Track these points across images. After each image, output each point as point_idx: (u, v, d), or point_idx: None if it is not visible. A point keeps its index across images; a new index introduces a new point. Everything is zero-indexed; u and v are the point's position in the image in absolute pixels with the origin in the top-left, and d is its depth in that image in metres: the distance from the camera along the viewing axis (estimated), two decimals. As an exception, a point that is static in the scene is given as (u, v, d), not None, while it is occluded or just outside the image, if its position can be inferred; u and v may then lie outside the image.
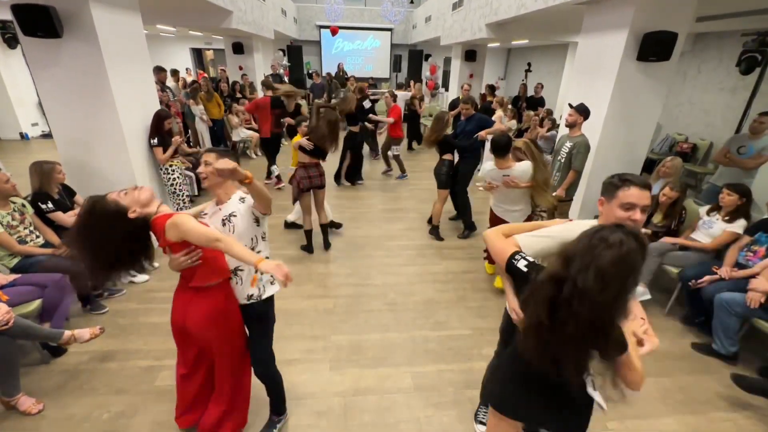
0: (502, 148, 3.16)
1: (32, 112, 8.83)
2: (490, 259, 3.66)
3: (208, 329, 1.70)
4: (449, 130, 4.60)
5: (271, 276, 1.67)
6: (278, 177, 6.07)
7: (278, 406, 2.09)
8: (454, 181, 4.37)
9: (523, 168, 3.08)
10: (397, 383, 2.47)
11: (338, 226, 4.59)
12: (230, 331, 1.79)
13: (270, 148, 6.02)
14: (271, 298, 1.89)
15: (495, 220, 3.43)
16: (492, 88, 8.57)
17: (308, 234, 3.99)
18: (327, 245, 4.13)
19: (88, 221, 1.50)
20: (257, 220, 1.72)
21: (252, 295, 1.79)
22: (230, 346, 1.81)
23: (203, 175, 1.68)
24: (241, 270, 1.75)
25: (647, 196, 1.32)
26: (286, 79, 11.35)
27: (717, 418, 2.31)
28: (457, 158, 4.38)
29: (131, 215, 1.53)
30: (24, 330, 2.18)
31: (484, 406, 2.20)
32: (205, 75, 10.42)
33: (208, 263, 1.65)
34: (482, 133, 4.20)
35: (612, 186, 1.36)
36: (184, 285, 1.71)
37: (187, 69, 7.73)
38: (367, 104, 6.17)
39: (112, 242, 1.52)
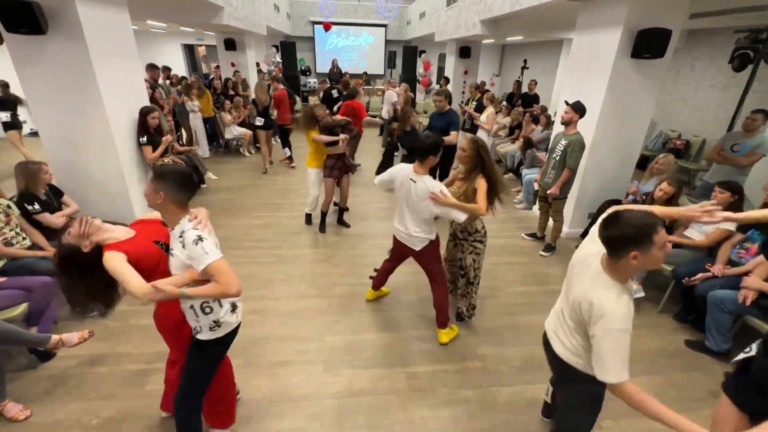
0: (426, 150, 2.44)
1: (20, 110, 8.65)
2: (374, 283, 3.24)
3: (162, 332, 1.85)
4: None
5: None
6: (290, 157, 6.89)
7: None
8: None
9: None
10: (392, 384, 2.45)
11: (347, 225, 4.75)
12: (182, 342, 1.79)
13: (285, 134, 6.89)
14: (204, 343, 1.68)
15: (398, 247, 2.80)
16: (447, 80, 8.52)
17: (323, 215, 4.45)
18: (340, 222, 4.71)
19: (60, 270, 1.57)
20: None
21: (194, 328, 1.68)
22: (185, 355, 1.78)
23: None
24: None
25: None
26: (280, 76, 11.24)
27: (711, 415, 2.31)
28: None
29: (85, 250, 1.53)
30: (9, 335, 2.13)
31: None
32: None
33: None
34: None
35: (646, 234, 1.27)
36: None
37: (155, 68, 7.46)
38: (335, 93, 7.31)
39: (82, 281, 1.57)
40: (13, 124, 6.44)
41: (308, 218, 4.65)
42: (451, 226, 2.90)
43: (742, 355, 1.53)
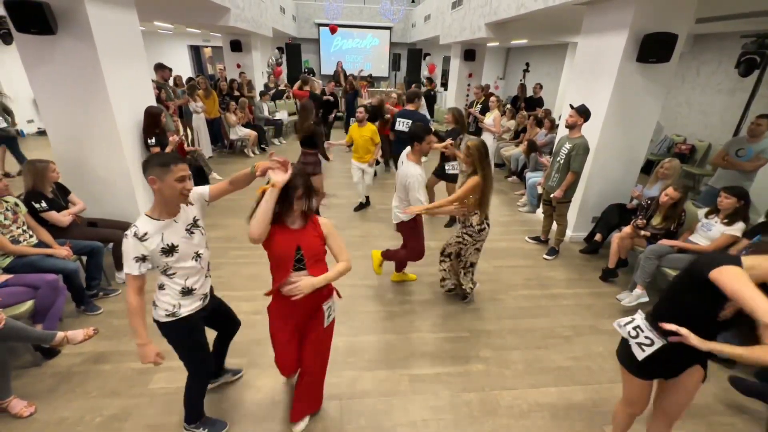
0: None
1: (28, 109, 8.75)
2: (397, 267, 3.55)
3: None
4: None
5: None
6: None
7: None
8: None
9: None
10: (394, 386, 2.45)
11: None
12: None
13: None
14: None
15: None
16: (431, 80, 8.53)
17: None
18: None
19: None
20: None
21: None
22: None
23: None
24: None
25: None
26: (273, 77, 11.24)
27: (716, 422, 2.30)
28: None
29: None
30: (16, 332, 2.15)
31: None
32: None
33: None
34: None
35: None
36: None
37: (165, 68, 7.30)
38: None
39: None
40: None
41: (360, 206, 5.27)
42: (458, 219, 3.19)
43: (648, 350, 1.65)
